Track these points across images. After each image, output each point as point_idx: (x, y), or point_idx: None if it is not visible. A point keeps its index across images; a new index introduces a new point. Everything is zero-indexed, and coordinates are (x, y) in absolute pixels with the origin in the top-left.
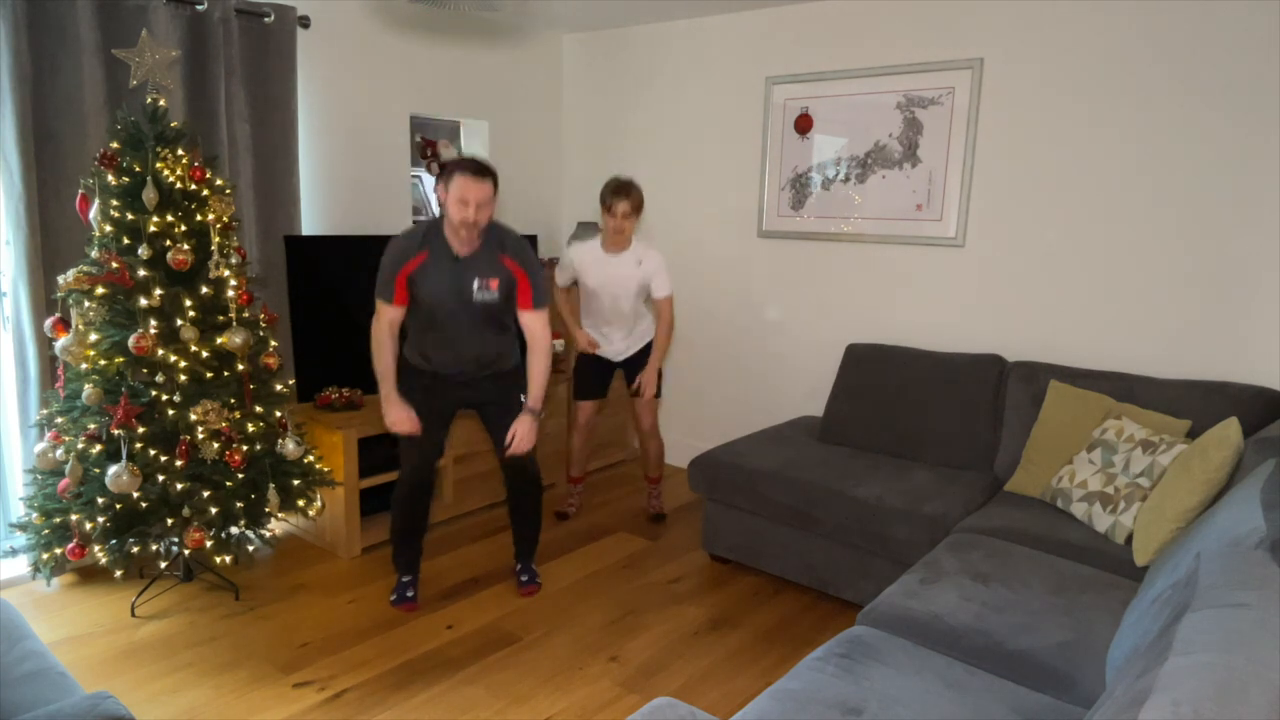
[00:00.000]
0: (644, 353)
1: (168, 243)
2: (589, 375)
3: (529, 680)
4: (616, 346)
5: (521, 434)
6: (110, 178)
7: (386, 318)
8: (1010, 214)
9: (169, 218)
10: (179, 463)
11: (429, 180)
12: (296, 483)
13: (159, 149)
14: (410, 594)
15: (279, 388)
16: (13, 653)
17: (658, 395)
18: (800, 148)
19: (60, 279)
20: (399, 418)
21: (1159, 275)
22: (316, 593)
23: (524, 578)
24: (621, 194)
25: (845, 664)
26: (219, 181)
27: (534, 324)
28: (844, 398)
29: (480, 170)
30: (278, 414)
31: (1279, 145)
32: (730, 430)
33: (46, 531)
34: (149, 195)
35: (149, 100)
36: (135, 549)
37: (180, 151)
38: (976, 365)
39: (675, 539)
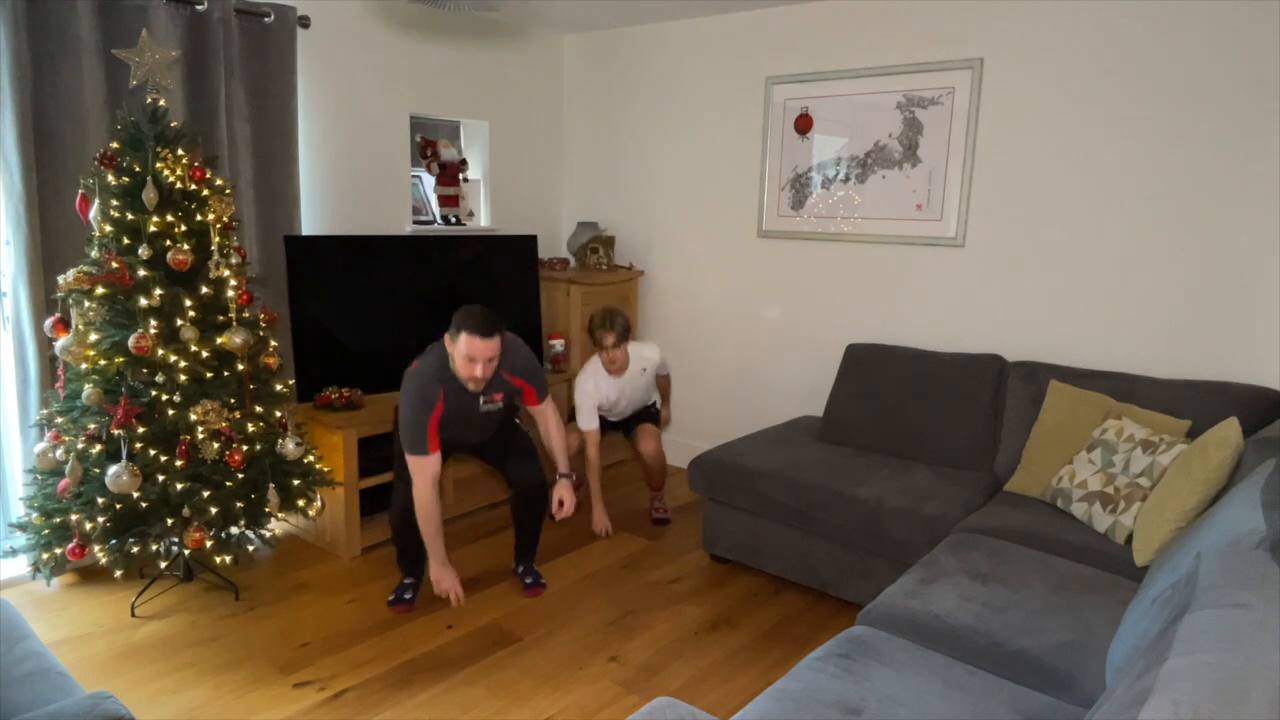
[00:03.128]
0: (643, 410)
1: (168, 243)
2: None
3: (529, 680)
4: (622, 411)
5: (567, 499)
6: (110, 178)
7: (429, 472)
8: (1010, 214)
9: (169, 218)
10: (179, 463)
11: (429, 180)
12: (296, 483)
13: (159, 149)
14: (409, 596)
15: (279, 388)
16: (13, 653)
17: (653, 420)
18: (800, 148)
19: (60, 279)
20: (448, 586)
21: (1159, 275)
22: (316, 593)
23: (528, 580)
24: (606, 326)
25: (845, 664)
26: (219, 181)
27: (544, 412)
28: (844, 398)
29: (487, 330)
30: (278, 414)
31: (1279, 145)
32: (730, 430)
33: (46, 531)
34: (149, 195)
35: (149, 100)
36: (135, 549)
37: (180, 151)
38: (976, 365)
39: (675, 539)
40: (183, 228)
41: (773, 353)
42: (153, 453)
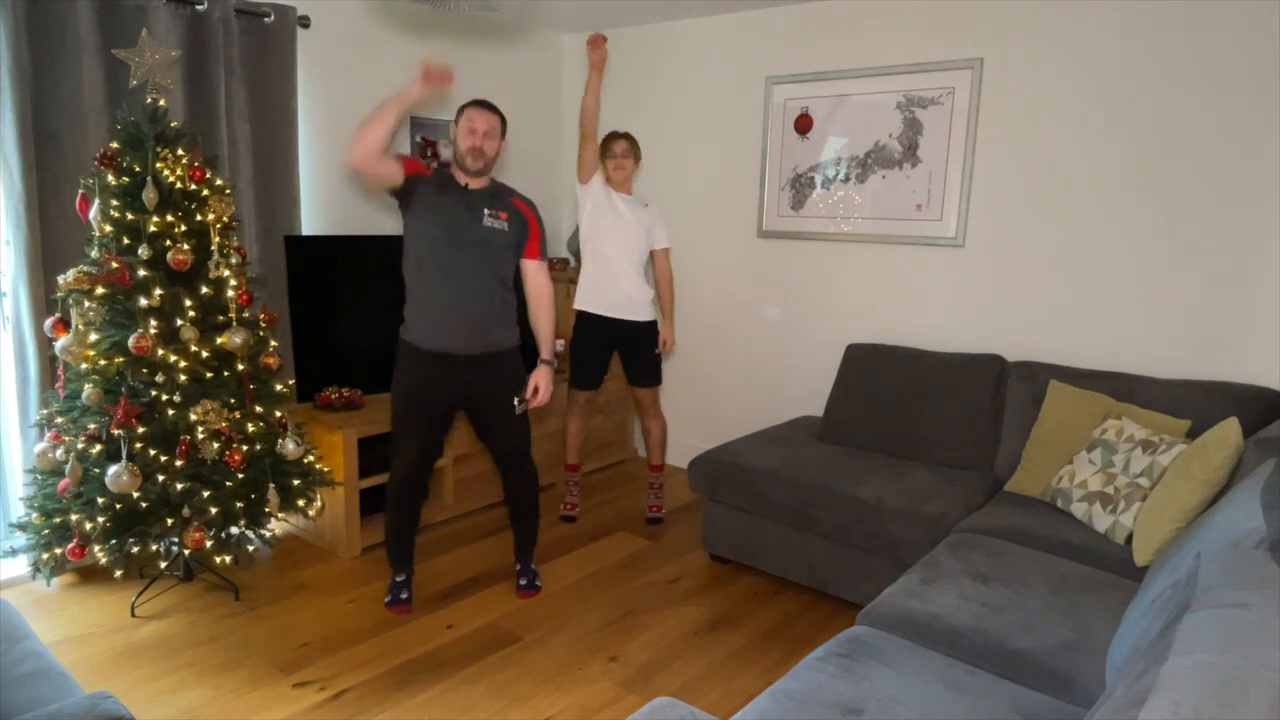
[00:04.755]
0: (644, 332)
1: (168, 243)
2: (587, 363)
3: (529, 680)
4: (617, 299)
5: (543, 385)
6: (110, 178)
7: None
8: (1010, 214)
9: (169, 218)
10: (179, 463)
11: None
12: (296, 483)
13: (159, 149)
14: (404, 595)
15: (279, 388)
16: (13, 653)
17: (658, 383)
18: (800, 148)
19: (60, 279)
20: (431, 63)
21: (1159, 275)
22: (316, 593)
23: (523, 581)
24: (618, 135)
25: (845, 664)
26: (219, 181)
27: (539, 274)
28: (844, 398)
29: (489, 105)
30: (278, 414)
31: (1279, 145)
32: (730, 430)
33: (46, 531)
34: (149, 195)
35: (149, 100)
36: (135, 549)
37: (180, 151)
38: (976, 365)
39: (675, 539)
40: (183, 228)
41: (773, 353)
42: (153, 453)
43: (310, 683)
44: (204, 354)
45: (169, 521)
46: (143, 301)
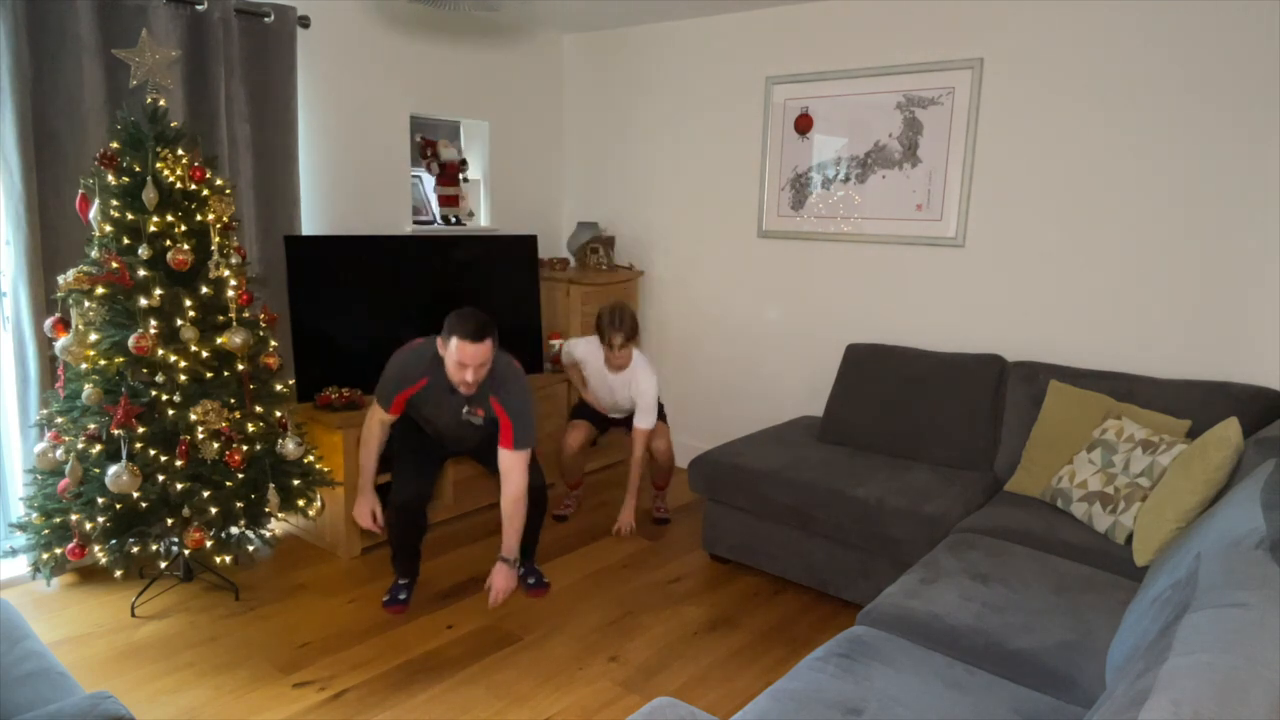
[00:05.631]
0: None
1: (168, 243)
2: (589, 409)
3: (529, 680)
4: (619, 413)
5: (499, 586)
6: (110, 178)
7: (379, 419)
8: (1010, 214)
9: (169, 218)
10: (179, 463)
11: (429, 180)
12: (296, 483)
13: (159, 149)
14: (403, 596)
15: (279, 388)
16: (13, 653)
17: (662, 419)
18: (800, 148)
19: (60, 279)
20: (363, 511)
21: (1159, 275)
22: (316, 593)
23: (530, 580)
24: (616, 327)
25: (845, 664)
26: (219, 181)
27: (511, 465)
28: (844, 398)
29: (479, 334)
30: (278, 414)
31: (1279, 144)
32: (730, 430)
33: (46, 531)
34: (149, 195)
35: (149, 100)
36: (135, 549)
37: (180, 151)
38: (976, 365)
39: (675, 539)
40: (183, 228)
41: (773, 353)
42: (153, 453)
43: (310, 683)
44: (204, 354)
45: (169, 521)
46: (143, 301)
